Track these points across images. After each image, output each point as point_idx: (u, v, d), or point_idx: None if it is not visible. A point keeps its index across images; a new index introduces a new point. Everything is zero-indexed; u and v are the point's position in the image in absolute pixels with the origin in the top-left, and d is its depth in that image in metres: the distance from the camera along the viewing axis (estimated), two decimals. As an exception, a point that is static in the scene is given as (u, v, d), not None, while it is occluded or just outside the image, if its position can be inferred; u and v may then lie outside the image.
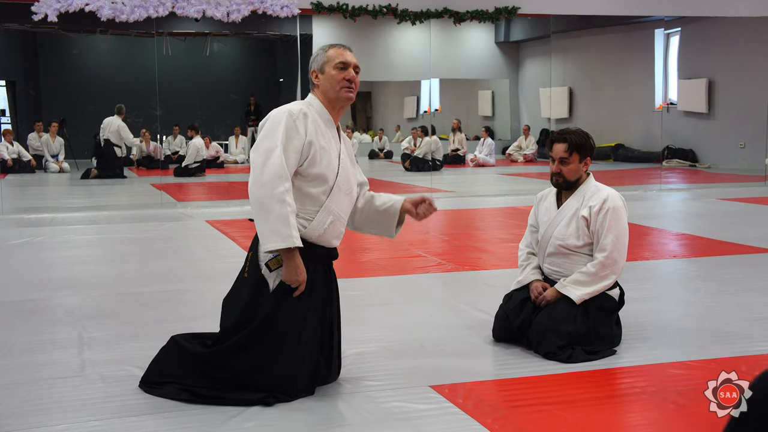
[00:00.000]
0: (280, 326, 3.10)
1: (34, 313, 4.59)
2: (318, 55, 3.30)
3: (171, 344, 3.31)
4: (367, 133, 18.84)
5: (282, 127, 3.08)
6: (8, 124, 15.05)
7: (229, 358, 3.12)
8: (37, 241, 7.32)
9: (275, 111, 3.18)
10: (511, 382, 3.36)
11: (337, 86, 3.23)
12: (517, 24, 17.61)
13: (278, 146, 3.04)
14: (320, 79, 3.27)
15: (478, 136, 17.37)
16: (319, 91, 3.28)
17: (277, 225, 2.98)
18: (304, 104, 3.23)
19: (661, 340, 3.91)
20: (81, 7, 9.26)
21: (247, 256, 3.23)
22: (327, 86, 3.24)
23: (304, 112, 3.16)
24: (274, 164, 3.01)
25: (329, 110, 3.27)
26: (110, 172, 13.42)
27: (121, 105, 13.53)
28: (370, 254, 6.49)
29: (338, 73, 3.23)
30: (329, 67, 3.24)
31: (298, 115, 3.12)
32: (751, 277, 5.39)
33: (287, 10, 9.80)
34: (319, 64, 3.27)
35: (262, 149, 3.07)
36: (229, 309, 3.24)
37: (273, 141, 3.06)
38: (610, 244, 3.72)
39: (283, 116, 3.10)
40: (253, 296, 3.13)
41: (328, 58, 3.26)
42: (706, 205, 9.65)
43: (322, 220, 3.18)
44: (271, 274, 3.12)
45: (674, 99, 15.75)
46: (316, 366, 3.20)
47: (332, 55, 3.27)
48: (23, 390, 3.29)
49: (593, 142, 3.89)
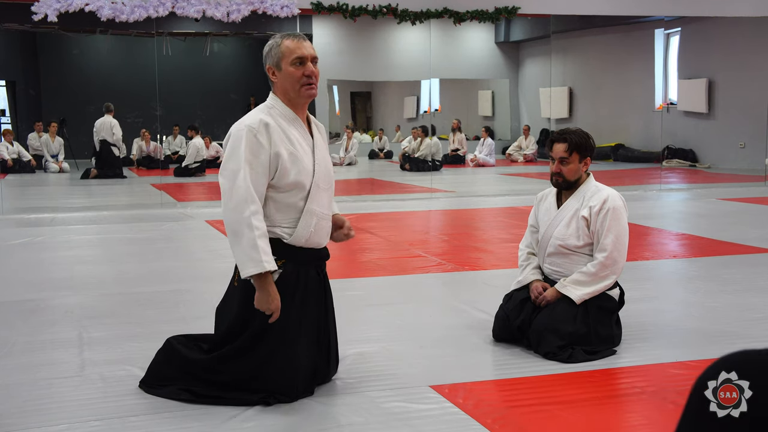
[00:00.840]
0: (276, 332, 3.06)
1: (34, 313, 4.59)
2: (272, 48, 3.09)
3: (167, 347, 3.28)
4: (367, 133, 18.84)
5: (243, 144, 2.94)
6: (8, 124, 15.05)
7: (227, 365, 3.10)
8: (37, 241, 7.32)
9: (234, 127, 3.03)
10: (511, 382, 3.36)
11: (297, 85, 3.06)
12: (517, 24, 17.61)
13: (242, 167, 2.92)
14: (277, 76, 3.09)
15: (478, 136, 17.37)
16: (278, 89, 3.12)
17: (249, 251, 2.90)
18: (265, 110, 3.08)
19: (661, 340, 3.91)
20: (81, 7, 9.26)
21: (236, 266, 3.15)
22: (286, 85, 3.08)
23: (264, 122, 3.00)
24: (239, 187, 2.92)
25: (292, 108, 3.11)
26: (109, 171, 13.42)
27: (109, 103, 13.49)
28: (370, 254, 6.49)
29: (296, 70, 3.05)
30: (285, 64, 3.06)
31: (259, 128, 2.97)
32: (751, 277, 5.39)
33: (287, 10, 9.80)
34: (274, 59, 3.08)
35: (228, 172, 2.96)
36: (222, 317, 3.21)
37: (236, 162, 2.94)
38: (611, 244, 3.72)
39: (243, 133, 2.96)
40: (243, 304, 3.07)
41: (283, 53, 3.05)
42: (706, 205, 9.65)
43: (306, 224, 3.09)
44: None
45: (674, 99, 15.75)
46: (315, 367, 3.20)
47: (285, 50, 3.06)
48: (23, 390, 3.29)
49: (593, 142, 3.89)
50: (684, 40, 15.39)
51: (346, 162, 16.47)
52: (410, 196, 10.94)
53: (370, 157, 17.96)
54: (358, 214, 8.92)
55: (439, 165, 15.07)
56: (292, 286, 3.09)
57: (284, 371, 3.08)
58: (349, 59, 17.30)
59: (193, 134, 14.60)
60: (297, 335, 3.10)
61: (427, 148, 14.92)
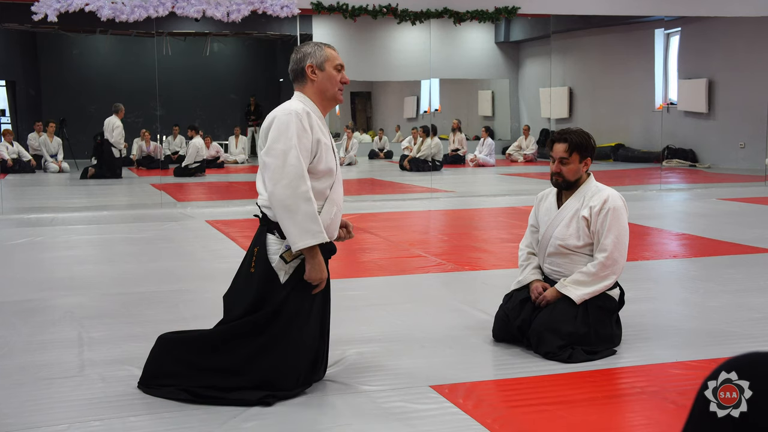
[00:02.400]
0: (287, 317, 3.12)
1: (34, 313, 4.59)
2: (315, 51, 3.27)
3: (161, 342, 3.29)
4: (367, 133, 18.84)
5: (292, 127, 3.08)
6: (8, 124, 15.06)
7: (231, 342, 3.13)
8: (37, 241, 7.32)
9: (280, 112, 3.16)
10: (511, 382, 3.36)
11: (335, 87, 3.29)
12: (517, 24, 17.61)
13: (293, 147, 3.06)
14: (317, 75, 3.26)
15: (478, 136, 17.37)
16: (313, 88, 3.27)
17: (307, 223, 3.02)
18: (300, 103, 3.23)
19: (661, 340, 3.91)
20: (81, 7, 9.26)
21: (253, 252, 3.23)
22: (326, 85, 3.27)
23: (307, 111, 3.17)
24: (292, 165, 3.04)
25: (320, 108, 3.29)
26: (108, 172, 13.42)
27: (119, 104, 13.47)
28: (370, 254, 6.49)
29: (337, 74, 3.28)
30: (329, 66, 3.27)
31: (303, 115, 3.13)
32: (751, 277, 5.39)
33: (287, 10, 9.80)
34: (319, 60, 3.26)
35: (278, 151, 3.07)
36: (234, 302, 3.24)
37: (286, 143, 3.07)
38: (611, 244, 3.72)
39: (291, 117, 3.11)
40: (263, 290, 3.14)
41: (327, 57, 3.27)
42: (706, 205, 9.65)
43: (329, 211, 3.21)
44: (285, 266, 3.14)
45: (674, 99, 15.75)
46: (316, 357, 3.24)
47: (330, 55, 3.29)
48: (23, 390, 3.29)
49: (594, 142, 3.89)
50: (684, 40, 15.39)
51: (346, 162, 16.48)
52: (410, 196, 10.94)
53: (370, 157, 17.96)
54: (358, 214, 8.92)
55: (440, 165, 15.07)
56: None
57: (287, 358, 3.11)
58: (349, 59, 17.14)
59: (193, 134, 14.60)
60: (305, 323, 3.15)
61: (428, 149, 14.93)
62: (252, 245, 3.27)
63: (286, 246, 3.12)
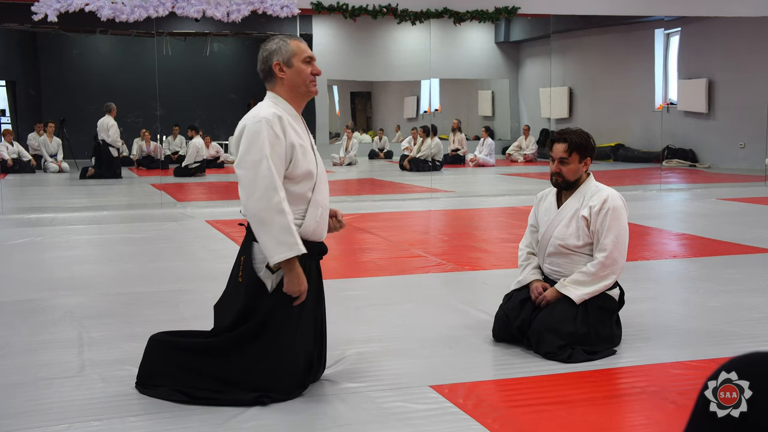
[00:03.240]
0: (277, 325, 3.09)
1: (34, 313, 4.59)
2: (280, 47, 3.16)
3: (153, 344, 3.27)
4: (367, 133, 18.84)
5: (263, 136, 2.99)
6: (8, 124, 15.06)
7: (224, 354, 3.11)
8: (37, 241, 7.32)
9: (249, 120, 3.06)
10: (511, 382, 3.36)
11: (307, 81, 3.17)
12: (517, 24, 17.61)
13: (264, 157, 2.96)
14: (286, 72, 3.15)
15: (478, 136, 17.38)
16: (284, 86, 3.17)
17: (282, 236, 2.95)
18: (272, 106, 3.13)
19: (661, 340, 3.91)
20: (81, 7, 9.26)
21: (239, 261, 3.19)
22: (297, 81, 3.16)
23: (278, 115, 3.06)
24: (264, 176, 2.96)
25: (293, 105, 3.19)
26: (107, 172, 13.42)
27: (110, 103, 13.47)
28: (370, 254, 6.49)
29: (307, 67, 3.17)
30: (297, 61, 3.15)
31: (274, 120, 3.03)
32: (751, 277, 5.39)
33: (287, 10, 9.80)
34: (285, 56, 3.15)
35: (249, 163, 2.99)
36: (223, 312, 3.21)
37: (257, 153, 2.98)
38: (610, 244, 3.72)
39: (261, 125, 3.01)
40: (250, 299, 3.10)
41: (294, 51, 3.15)
42: (706, 205, 9.65)
43: (314, 214, 3.16)
44: (272, 275, 3.10)
45: (674, 99, 15.75)
46: (311, 360, 3.22)
47: (297, 48, 3.16)
48: (23, 390, 3.29)
49: (593, 142, 3.89)
50: (684, 40, 15.39)
51: (346, 162, 16.47)
52: (410, 196, 10.94)
53: (370, 157, 17.96)
54: (358, 214, 8.92)
55: (440, 165, 15.07)
56: None
57: (282, 364, 3.09)
58: (349, 59, 17.31)
59: (193, 134, 14.60)
60: (297, 328, 3.13)
61: (428, 149, 14.93)
62: (239, 254, 3.22)
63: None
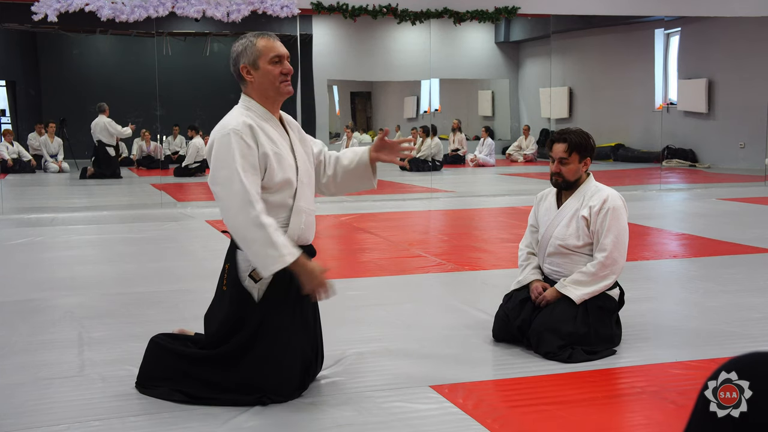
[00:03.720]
0: (271, 334, 3.06)
1: (34, 313, 4.59)
2: (246, 47, 3.06)
3: (153, 347, 3.24)
4: (367, 133, 18.84)
5: (232, 148, 2.91)
6: (8, 124, 15.05)
7: (224, 364, 3.09)
8: (38, 241, 7.32)
9: (217, 133, 2.98)
10: (511, 382, 3.36)
11: (276, 82, 3.06)
12: (517, 24, 17.61)
13: (235, 171, 2.88)
14: (254, 75, 3.07)
15: (478, 136, 17.38)
16: (254, 89, 3.09)
17: (266, 250, 2.87)
18: (243, 113, 3.04)
19: (661, 340, 3.91)
20: (81, 7, 9.27)
21: (224, 269, 3.14)
22: (265, 83, 3.06)
23: (248, 124, 2.97)
24: (237, 192, 2.88)
25: (267, 107, 3.10)
26: (106, 171, 13.42)
27: (103, 103, 13.50)
28: (370, 254, 6.48)
29: (274, 68, 3.06)
30: (264, 62, 3.05)
31: (244, 130, 2.95)
32: (751, 277, 5.39)
33: (287, 10, 9.80)
34: (251, 58, 3.05)
35: (222, 179, 2.91)
36: (211, 323, 3.19)
37: (228, 167, 2.90)
38: (610, 244, 3.72)
39: (229, 137, 2.93)
40: (235, 308, 3.06)
41: (260, 52, 3.04)
42: (706, 205, 9.65)
43: (297, 221, 3.09)
44: (256, 285, 3.06)
45: (674, 99, 15.76)
46: (308, 363, 3.21)
47: (263, 48, 3.05)
48: (23, 390, 3.28)
49: (593, 142, 3.89)
50: (684, 40, 15.39)
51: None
52: (410, 196, 10.94)
53: (370, 157, 17.93)
54: (358, 214, 8.92)
55: (440, 165, 15.07)
56: (286, 284, 3.07)
57: (280, 370, 3.08)
58: (349, 59, 17.31)
59: (193, 134, 14.61)
60: (291, 333, 3.10)
61: (428, 149, 14.93)
62: (225, 261, 3.18)
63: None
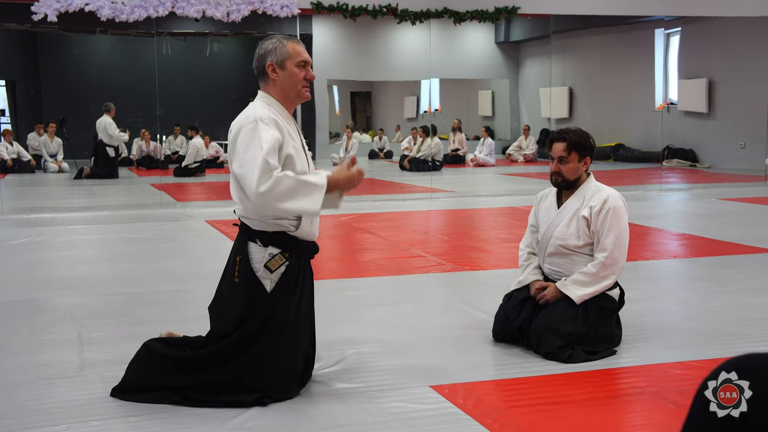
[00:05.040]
0: (276, 325, 3.09)
1: (34, 313, 4.59)
2: (276, 47, 3.14)
3: (144, 352, 3.20)
4: (367, 133, 18.83)
5: (259, 134, 2.96)
6: (8, 124, 15.05)
7: (224, 359, 3.08)
8: (37, 241, 7.32)
9: (244, 120, 3.03)
10: (511, 382, 3.36)
11: (298, 86, 3.16)
12: (517, 24, 17.61)
13: (261, 152, 2.92)
14: (278, 74, 3.14)
15: (478, 136, 17.37)
16: (276, 87, 3.16)
17: (306, 189, 2.93)
18: (266, 107, 3.10)
19: (661, 340, 3.91)
20: (81, 7, 9.26)
21: (235, 261, 3.15)
22: (288, 84, 3.15)
23: (272, 118, 3.05)
24: (260, 165, 2.89)
25: (285, 106, 3.19)
26: (102, 171, 13.40)
27: (109, 103, 13.47)
28: (370, 254, 6.48)
29: (300, 72, 3.15)
30: (291, 64, 3.13)
31: (269, 121, 3.02)
32: (751, 277, 5.39)
33: (287, 10, 9.80)
34: (279, 58, 3.13)
35: (247, 160, 2.94)
36: (220, 315, 3.17)
37: (254, 149, 2.93)
38: (611, 244, 3.72)
39: (257, 124, 2.99)
40: (249, 300, 3.08)
41: (289, 54, 3.13)
42: (706, 205, 9.65)
43: (306, 219, 3.15)
44: (272, 275, 3.09)
45: (674, 99, 15.75)
46: (308, 359, 3.24)
47: (292, 51, 3.14)
48: (23, 390, 3.28)
49: (593, 141, 3.89)
50: (684, 40, 15.38)
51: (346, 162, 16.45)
52: (410, 196, 10.94)
53: (370, 157, 17.95)
54: (358, 214, 8.92)
55: (440, 165, 15.07)
56: (294, 279, 3.13)
57: (281, 366, 3.09)
58: (349, 59, 17.31)
59: (193, 134, 14.60)
60: (294, 329, 3.12)
61: (428, 149, 14.93)
62: (233, 254, 3.18)
63: (270, 254, 3.07)
